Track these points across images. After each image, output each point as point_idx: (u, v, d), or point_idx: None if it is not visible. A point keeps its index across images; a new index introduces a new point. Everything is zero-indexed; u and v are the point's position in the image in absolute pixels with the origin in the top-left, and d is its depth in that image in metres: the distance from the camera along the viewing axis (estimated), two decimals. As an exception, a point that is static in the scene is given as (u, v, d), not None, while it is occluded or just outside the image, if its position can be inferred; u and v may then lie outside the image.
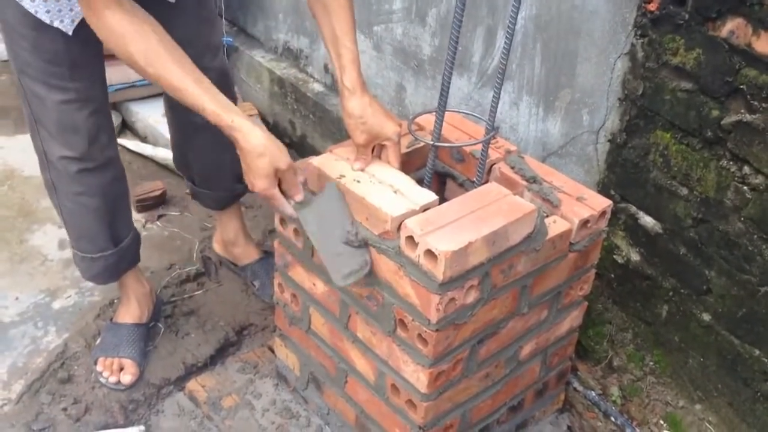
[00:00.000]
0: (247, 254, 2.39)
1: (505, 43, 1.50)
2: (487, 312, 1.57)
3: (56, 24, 1.66)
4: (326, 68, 2.92)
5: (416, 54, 2.47)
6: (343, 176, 1.57)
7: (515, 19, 1.47)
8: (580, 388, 2.04)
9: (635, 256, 1.99)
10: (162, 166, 2.93)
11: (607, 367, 2.06)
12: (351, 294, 1.65)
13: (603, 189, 2.01)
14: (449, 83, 1.55)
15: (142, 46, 1.43)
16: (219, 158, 2.18)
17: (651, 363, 2.01)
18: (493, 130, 1.61)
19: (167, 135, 2.94)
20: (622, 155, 1.93)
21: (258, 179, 1.48)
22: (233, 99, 2.15)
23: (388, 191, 1.53)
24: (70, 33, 1.66)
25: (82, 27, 1.61)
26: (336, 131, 2.82)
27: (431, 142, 1.57)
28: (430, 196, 1.52)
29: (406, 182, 1.56)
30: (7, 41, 1.75)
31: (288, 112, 3.10)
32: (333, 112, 2.81)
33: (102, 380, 2.03)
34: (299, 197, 1.54)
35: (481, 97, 2.29)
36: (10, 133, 3.10)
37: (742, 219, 1.69)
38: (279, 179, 1.51)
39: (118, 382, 2.03)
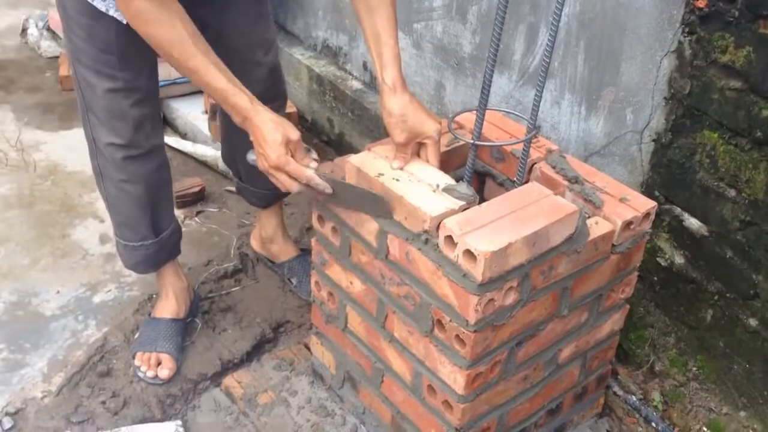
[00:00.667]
0: (285, 251, 2.40)
1: (549, 40, 1.47)
2: (526, 314, 1.54)
3: (111, 12, 1.71)
4: (365, 66, 2.91)
5: (456, 52, 2.44)
6: (382, 174, 1.55)
7: (559, 16, 1.44)
8: (621, 393, 2.00)
9: (679, 259, 1.94)
10: (201, 162, 2.95)
11: (648, 371, 2.02)
12: (388, 293, 1.64)
13: (647, 190, 1.97)
14: (491, 81, 1.53)
15: (166, 33, 1.51)
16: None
17: (694, 368, 1.96)
18: (534, 128, 1.58)
19: (206, 132, 2.98)
20: (667, 156, 1.89)
21: (273, 151, 1.53)
22: (282, 95, 2.21)
23: (428, 190, 1.52)
24: (124, 22, 1.69)
25: None
26: (374, 129, 2.81)
27: (471, 141, 1.55)
28: (470, 195, 1.50)
29: (446, 181, 1.54)
30: (65, 29, 1.83)
31: (326, 110, 3.09)
32: (371, 110, 2.80)
33: (140, 374, 2.06)
34: (313, 165, 1.58)
35: (522, 96, 2.25)
36: (54, 128, 3.15)
37: (793, 222, 1.64)
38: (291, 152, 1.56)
39: (156, 377, 2.05)
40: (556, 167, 1.73)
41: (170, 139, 3.04)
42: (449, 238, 1.42)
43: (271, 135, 1.53)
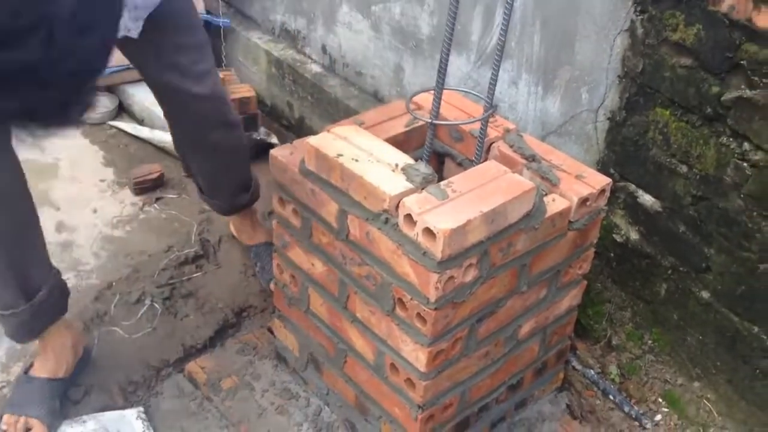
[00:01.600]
0: (253, 236, 2.40)
1: (503, 20, 1.48)
2: (486, 290, 1.56)
3: None
4: (324, 49, 2.90)
5: (414, 34, 2.45)
6: (341, 155, 1.56)
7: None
8: (579, 367, 2.04)
9: (634, 235, 1.98)
10: (159, 148, 2.92)
11: (606, 345, 2.07)
12: (350, 274, 1.65)
13: (602, 168, 2.00)
14: (447, 62, 1.53)
15: None
16: (217, 178, 2.20)
17: (650, 341, 2.01)
18: (491, 108, 1.60)
19: (164, 117, 2.93)
20: (622, 133, 1.92)
21: None
22: (225, 123, 2.07)
23: (387, 170, 1.52)
24: None
25: None
26: (334, 113, 2.81)
27: (429, 121, 1.56)
28: (429, 174, 1.51)
29: (405, 161, 1.55)
30: None
31: (286, 94, 3.08)
32: (331, 94, 2.80)
33: None
34: None
35: (480, 76, 2.27)
36: (6, 116, 3.08)
37: (742, 196, 1.68)
38: None
39: None
40: (513, 146, 1.75)
41: (126, 126, 3.00)
42: (408, 217, 1.43)
43: None
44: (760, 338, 1.74)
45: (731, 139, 1.67)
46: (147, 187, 2.67)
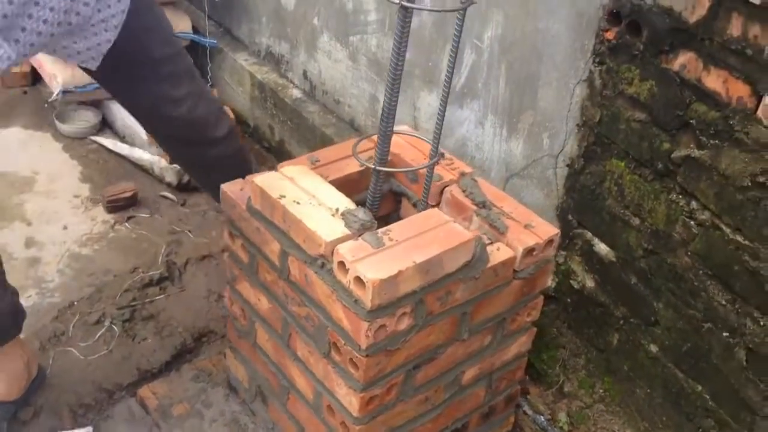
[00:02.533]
0: None
1: (448, 64, 1.48)
2: (422, 338, 1.56)
3: None
4: (305, 74, 2.91)
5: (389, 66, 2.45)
6: (283, 196, 1.56)
7: (458, 41, 1.46)
8: (530, 412, 2.03)
9: (590, 283, 1.97)
10: (137, 166, 2.93)
11: (558, 391, 2.05)
12: (291, 313, 1.65)
13: (561, 213, 2.00)
14: (395, 108, 1.54)
15: None
16: (213, 185, 2.11)
17: (601, 390, 2.00)
18: (436, 155, 1.60)
19: (144, 136, 2.96)
20: (580, 181, 1.92)
21: None
22: (203, 141, 2.11)
23: (327, 214, 1.53)
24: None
25: None
26: (311, 138, 2.82)
27: (372, 166, 1.56)
28: (368, 220, 1.51)
29: (347, 205, 1.55)
30: None
31: (267, 117, 3.09)
32: (309, 120, 2.81)
33: None
34: None
35: (449, 114, 2.26)
36: (-12, 128, 3.11)
37: (689, 253, 1.67)
38: None
39: None
40: (466, 191, 1.75)
41: (107, 141, 3.02)
42: (341, 264, 1.43)
43: None
44: (703, 397, 1.72)
45: (680, 197, 1.66)
46: (120, 206, 2.69)
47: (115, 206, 2.68)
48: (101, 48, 1.76)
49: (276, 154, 3.09)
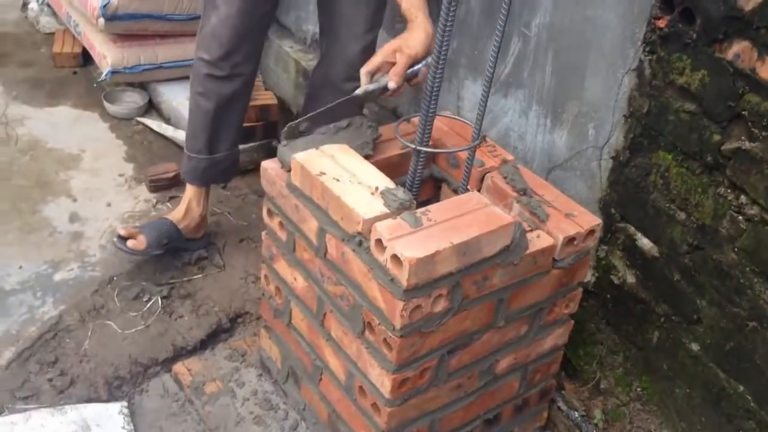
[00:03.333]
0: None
1: (493, 49, 1.47)
2: (458, 322, 1.54)
3: None
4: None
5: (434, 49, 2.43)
6: (324, 173, 1.56)
7: (503, 28, 1.44)
8: (564, 408, 2.00)
9: (631, 278, 1.93)
10: (181, 148, 2.96)
11: (593, 388, 2.01)
12: (327, 292, 1.65)
13: (604, 207, 1.96)
14: (439, 89, 1.53)
15: None
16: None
17: (638, 389, 1.95)
18: (478, 138, 1.58)
19: (188, 118, 2.99)
20: (624, 174, 1.88)
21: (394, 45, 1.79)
22: None
23: (366, 192, 1.52)
24: None
25: None
26: (353, 127, 2.81)
27: (413, 147, 1.55)
28: (407, 200, 1.50)
29: (386, 184, 1.54)
30: None
31: (301, 96, 3.09)
32: (352, 108, 2.80)
33: (115, 238, 2.31)
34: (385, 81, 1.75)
35: (492, 103, 2.24)
36: (41, 104, 3.17)
37: (736, 250, 1.63)
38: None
39: (123, 242, 2.29)
40: (507, 178, 1.73)
41: (152, 123, 3.06)
42: (379, 242, 1.42)
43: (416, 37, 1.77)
44: (745, 398, 1.67)
45: (729, 191, 1.61)
46: (162, 186, 2.72)
47: (157, 186, 2.71)
48: None
49: (318, 142, 3.09)
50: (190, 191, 2.40)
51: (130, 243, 2.28)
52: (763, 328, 1.60)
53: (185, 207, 2.40)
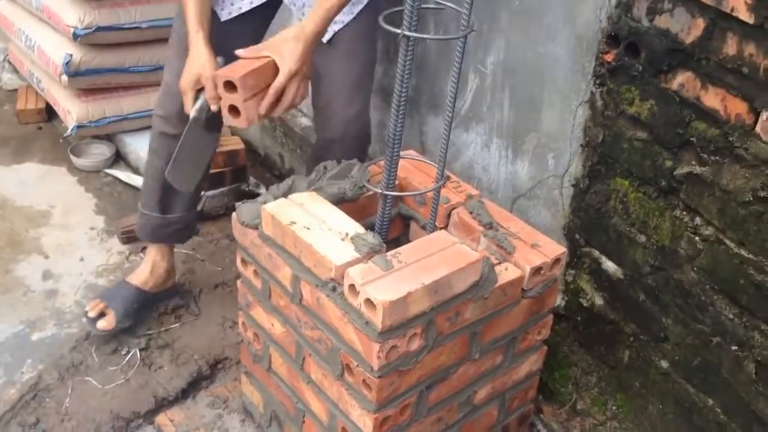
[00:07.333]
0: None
1: (451, 90, 1.53)
2: (434, 358, 1.58)
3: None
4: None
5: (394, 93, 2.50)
6: (294, 222, 1.60)
7: (460, 65, 1.50)
8: (544, 431, 2.04)
9: (599, 300, 1.99)
10: (151, 197, 2.98)
11: (571, 409, 2.06)
12: (304, 336, 1.68)
13: (569, 233, 2.03)
14: (401, 134, 1.58)
15: None
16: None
17: (614, 407, 2.01)
18: (441, 179, 1.63)
19: (157, 167, 3.00)
20: (585, 200, 1.95)
21: (186, 75, 1.83)
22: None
23: (337, 239, 1.56)
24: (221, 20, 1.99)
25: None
26: (321, 166, 2.86)
27: (380, 191, 1.60)
28: (377, 244, 1.55)
29: (356, 230, 1.59)
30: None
31: (277, 146, 3.14)
32: (318, 147, 2.85)
33: (85, 318, 2.28)
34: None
35: (455, 137, 2.31)
36: (7, 162, 3.17)
37: (695, 269, 1.70)
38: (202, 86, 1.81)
39: (93, 323, 2.25)
40: (473, 213, 1.78)
41: (121, 174, 3.08)
42: (352, 287, 1.46)
43: (193, 64, 1.81)
44: (715, 411, 1.73)
45: (684, 213, 1.69)
46: (134, 237, 2.71)
47: (129, 237, 2.72)
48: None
49: (286, 182, 3.13)
50: (153, 249, 2.37)
51: (99, 325, 2.25)
52: (727, 343, 1.66)
53: (150, 265, 2.36)
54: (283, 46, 1.75)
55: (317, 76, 2.07)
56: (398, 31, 1.43)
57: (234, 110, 1.74)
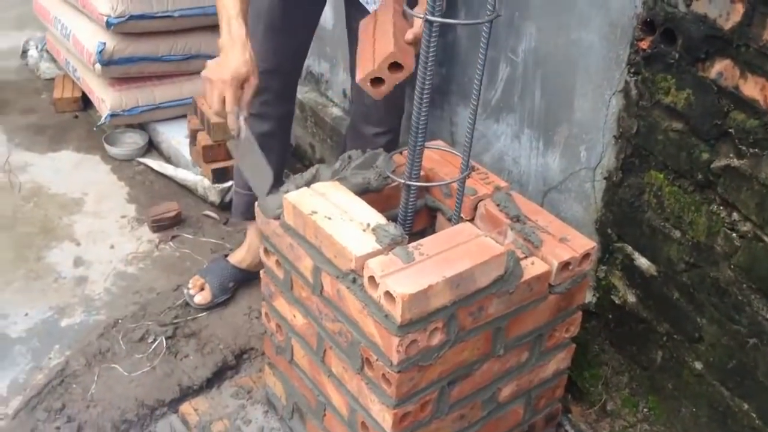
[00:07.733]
0: None
1: (477, 77, 1.48)
2: (456, 354, 1.54)
3: None
4: (344, 93, 2.93)
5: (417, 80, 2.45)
6: (315, 212, 1.57)
7: (486, 51, 1.46)
8: (571, 431, 1.99)
9: (631, 298, 1.93)
10: (182, 186, 2.99)
11: (600, 410, 2.00)
12: (325, 328, 1.65)
13: (601, 227, 1.96)
14: (425, 124, 1.54)
15: None
16: None
17: (645, 409, 1.94)
18: (466, 170, 1.59)
19: (188, 156, 3.02)
20: (618, 194, 1.88)
21: (231, 73, 1.71)
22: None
23: (358, 229, 1.53)
24: None
25: None
26: (351, 157, 2.83)
27: (402, 181, 1.56)
28: (398, 235, 1.51)
29: (378, 221, 1.55)
30: None
31: (308, 136, 3.12)
32: (348, 138, 2.82)
33: (185, 292, 2.41)
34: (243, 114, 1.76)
35: (486, 128, 2.26)
36: (43, 150, 3.22)
37: (732, 267, 1.62)
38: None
39: (193, 298, 2.39)
40: (500, 205, 1.73)
41: (153, 163, 3.09)
42: (372, 279, 1.43)
43: (238, 62, 1.70)
44: (750, 416, 1.66)
45: (721, 208, 1.61)
46: (164, 225, 2.74)
47: (159, 226, 2.74)
48: None
49: (317, 173, 3.11)
50: (251, 229, 2.47)
51: (196, 299, 2.39)
52: (764, 344, 1.59)
53: (247, 245, 2.47)
54: None
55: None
56: (421, 16, 1.39)
57: (377, 81, 1.73)
